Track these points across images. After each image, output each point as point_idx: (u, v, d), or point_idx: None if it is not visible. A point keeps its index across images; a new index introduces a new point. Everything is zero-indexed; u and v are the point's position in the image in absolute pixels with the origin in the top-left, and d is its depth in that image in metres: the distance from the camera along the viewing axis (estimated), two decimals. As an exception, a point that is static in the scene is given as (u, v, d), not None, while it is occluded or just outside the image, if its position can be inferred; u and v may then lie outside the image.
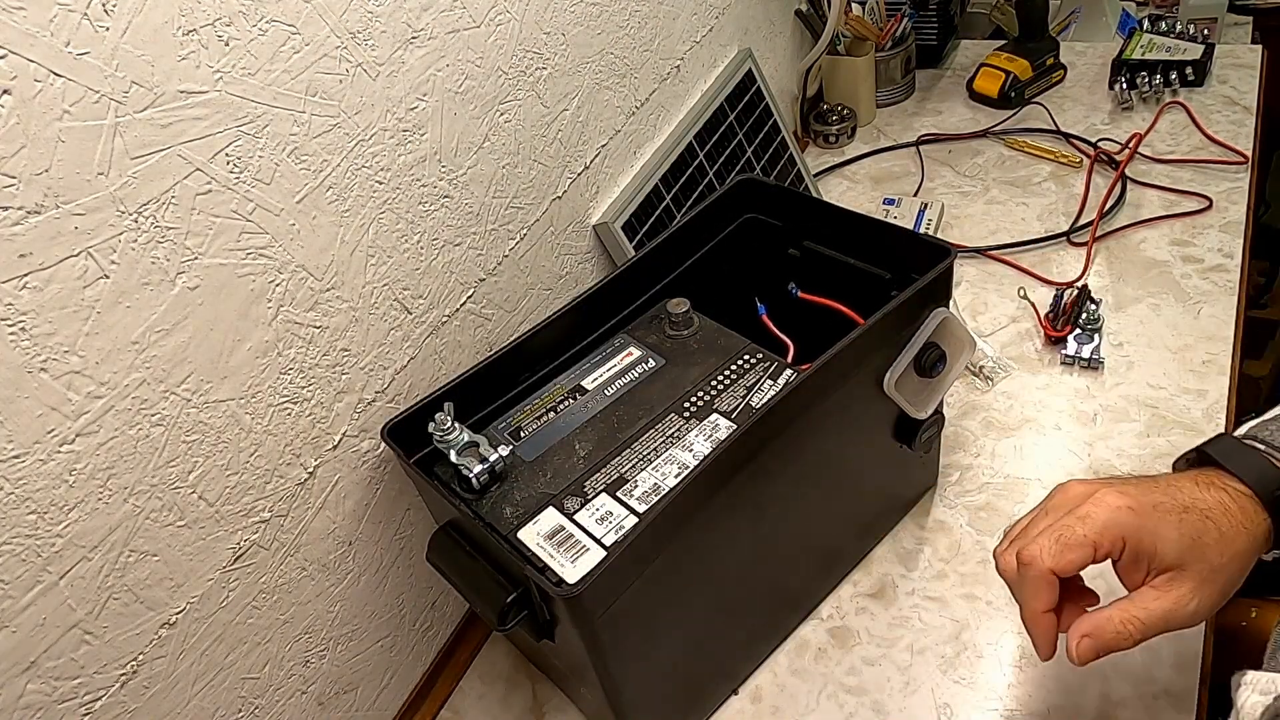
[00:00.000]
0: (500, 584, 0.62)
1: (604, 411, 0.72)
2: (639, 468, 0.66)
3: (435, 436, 0.67)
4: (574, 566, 0.60)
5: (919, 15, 1.47)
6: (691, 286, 0.84)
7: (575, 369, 0.77)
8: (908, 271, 0.76)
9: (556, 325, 0.77)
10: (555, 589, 0.57)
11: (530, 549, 0.62)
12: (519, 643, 0.85)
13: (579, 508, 0.64)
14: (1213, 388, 0.94)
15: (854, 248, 0.81)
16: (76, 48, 0.47)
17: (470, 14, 0.75)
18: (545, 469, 0.68)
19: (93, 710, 0.56)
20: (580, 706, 0.80)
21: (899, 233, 0.78)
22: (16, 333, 0.47)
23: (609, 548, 0.61)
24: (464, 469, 0.66)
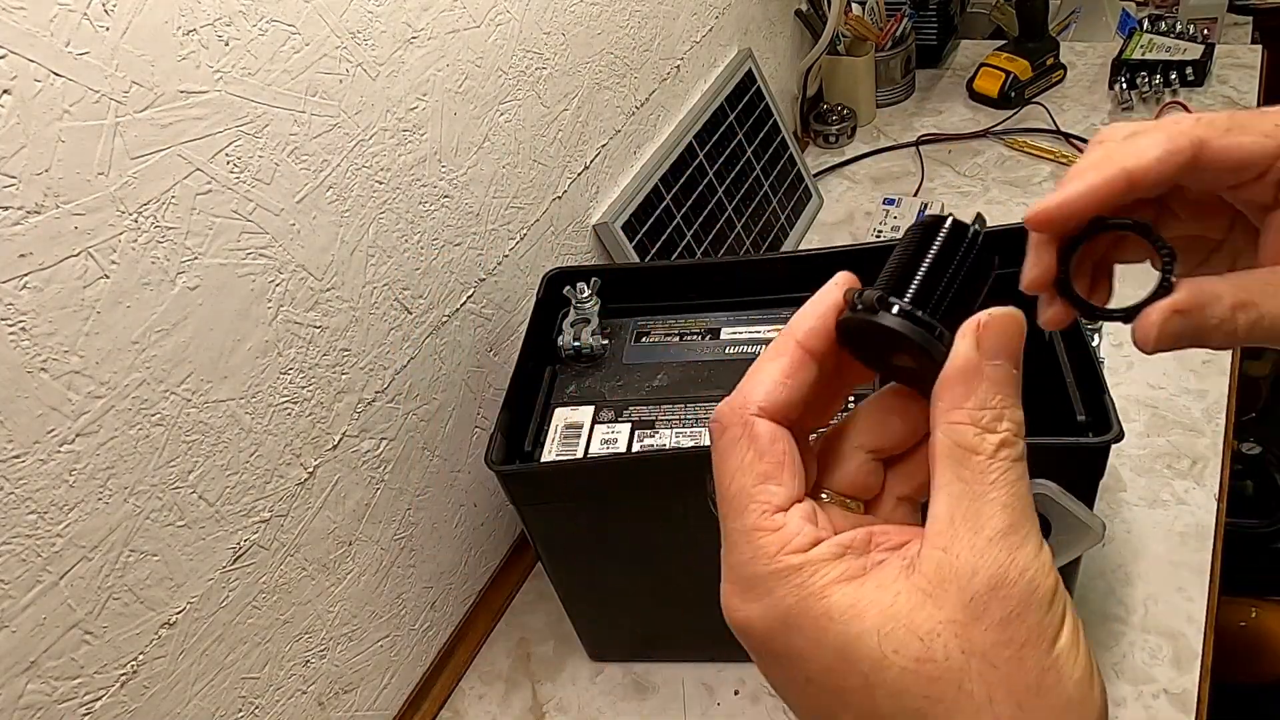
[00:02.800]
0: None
1: (706, 363, 0.75)
2: (671, 424, 0.70)
3: (572, 299, 0.77)
4: (551, 454, 0.70)
5: (919, 15, 1.47)
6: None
7: (731, 314, 0.79)
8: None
9: (755, 266, 0.80)
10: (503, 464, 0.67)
11: (550, 424, 0.72)
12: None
13: (606, 420, 0.71)
14: (1213, 388, 0.94)
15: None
16: (76, 48, 0.47)
17: (470, 14, 0.75)
18: (624, 376, 0.75)
19: (93, 710, 0.55)
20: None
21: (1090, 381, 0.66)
22: (16, 333, 0.47)
23: (570, 460, 0.69)
24: (561, 333, 0.77)
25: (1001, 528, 0.26)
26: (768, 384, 0.29)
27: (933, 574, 0.26)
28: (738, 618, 0.28)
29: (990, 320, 0.28)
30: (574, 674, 0.83)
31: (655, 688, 0.81)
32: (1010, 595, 0.25)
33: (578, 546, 0.73)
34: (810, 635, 0.26)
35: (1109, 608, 0.78)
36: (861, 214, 1.28)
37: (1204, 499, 0.85)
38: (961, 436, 0.27)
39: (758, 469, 0.28)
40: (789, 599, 0.27)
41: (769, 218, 1.20)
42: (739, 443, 0.29)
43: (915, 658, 0.25)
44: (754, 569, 0.27)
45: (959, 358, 0.27)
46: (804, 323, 0.30)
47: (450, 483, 0.82)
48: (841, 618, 0.26)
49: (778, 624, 0.27)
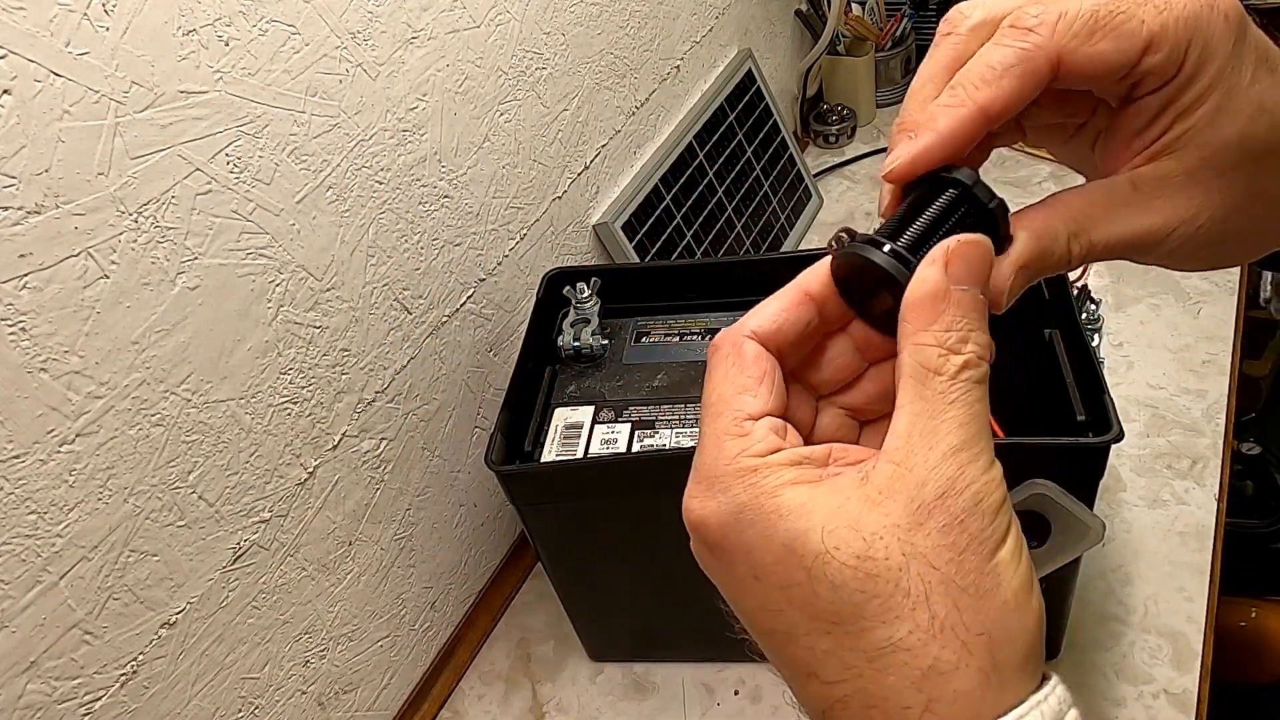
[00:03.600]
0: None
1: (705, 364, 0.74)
2: (671, 424, 0.70)
3: (572, 299, 0.77)
4: (551, 454, 0.70)
5: (919, 15, 1.47)
6: None
7: (732, 314, 0.79)
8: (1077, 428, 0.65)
9: (755, 266, 0.81)
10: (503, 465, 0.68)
11: (550, 424, 0.73)
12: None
13: (606, 420, 0.72)
14: (1213, 388, 0.94)
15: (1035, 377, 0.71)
16: (76, 48, 0.47)
17: (470, 14, 0.75)
18: (623, 376, 0.75)
19: (93, 710, 0.55)
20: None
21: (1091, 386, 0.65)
22: (16, 333, 0.47)
23: (570, 460, 0.69)
24: (561, 333, 0.76)
25: (955, 444, 0.27)
26: (763, 314, 0.32)
27: (884, 484, 0.27)
28: (695, 514, 0.29)
29: (958, 246, 0.28)
30: (574, 674, 0.83)
31: (655, 688, 0.81)
32: (955, 505, 0.26)
33: (578, 546, 0.73)
34: (760, 530, 0.28)
35: (1109, 608, 0.78)
36: (861, 214, 1.28)
37: (1204, 499, 0.85)
38: (925, 357, 0.28)
39: (738, 381, 0.30)
40: (742, 495, 0.28)
41: (769, 218, 1.20)
42: (727, 358, 0.31)
43: (856, 554, 0.26)
44: (715, 469, 0.29)
45: (927, 282, 0.28)
46: (811, 269, 0.32)
47: (450, 483, 0.82)
48: (790, 514, 0.27)
49: (730, 518, 0.28)
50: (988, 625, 0.26)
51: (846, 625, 0.26)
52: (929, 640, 0.26)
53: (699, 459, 0.30)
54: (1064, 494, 0.60)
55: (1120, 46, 0.29)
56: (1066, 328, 0.70)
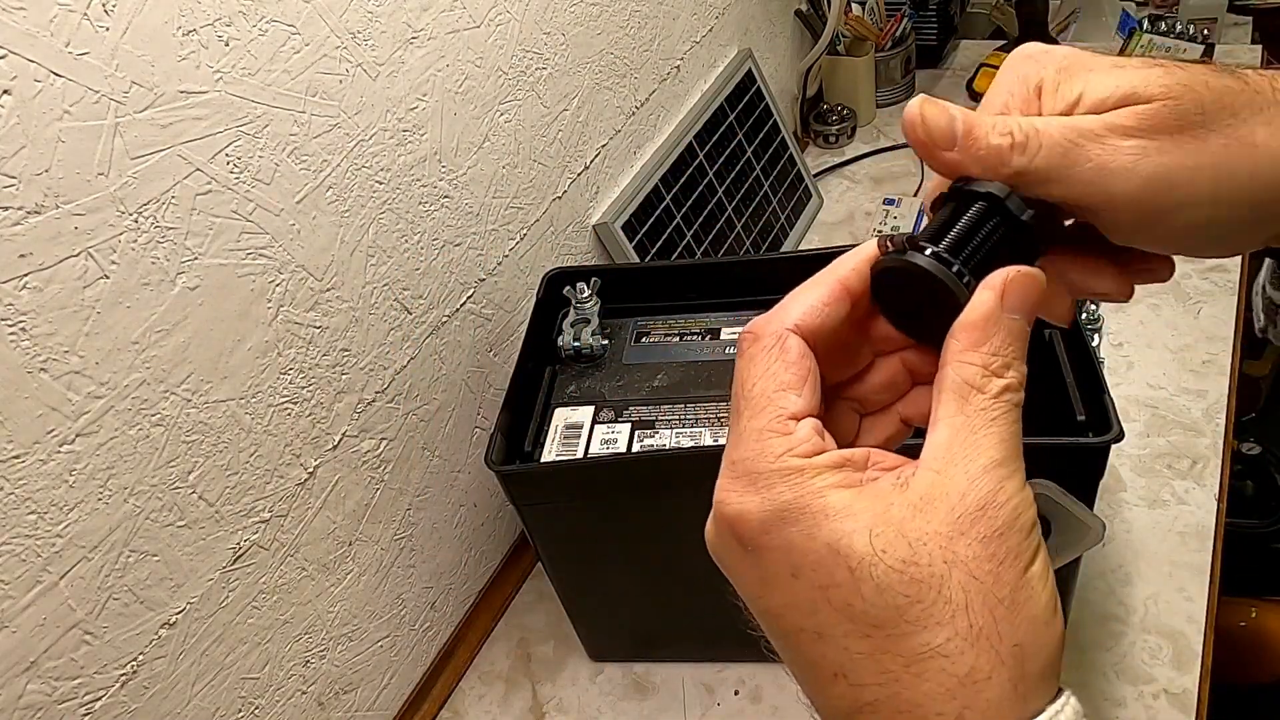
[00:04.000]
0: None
1: (705, 364, 0.75)
2: (670, 424, 0.70)
3: (572, 299, 0.77)
4: (551, 454, 0.70)
5: (919, 15, 1.47)
6: None
7: (732, 314, 0.79)
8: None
9: (755, 266, 0.81)
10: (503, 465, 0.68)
11: (550, 424, 0.73)
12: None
13: (606, 420, 0.72)
14: (1213, 388, 0.94)
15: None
16: (76, 48, 0.47)
17: (470, 14, 0.75)
18: (623, 376, 0.75)
19: (93, 710, 0.55)
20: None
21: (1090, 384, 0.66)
22: (16, 333, 0.47)
23: (570, 461, 0.69)
24: (561, 333, 0.76)
25: (995, 459, 0.28)
26: (806, 306, 0.31)
27: (925, 491, 0.27)
28: (732, 509, 0.29)
29: (1016, 276, 0.29)
30: (574, 674, 0.83)
31: (655, 688, 0.81)
32: (995, 517, 0.27)
33: (578, 546, 0.73)
34: (804, 528, 0.28)
35: (1109, 608, 0.78)
36: (861, 214, 1.28)
37: (1204, 499, 0.85)
38: (970, 375, 0.29)
39: (782, 377, 0.30)
40: (787, 494, 0.28)
41: (769, 218, 1.20)
42: (770, 350, 0.30)
43: (902, 559, 0.27)
44: (758, 465, 0.29)
45: (982, 305, 0.29)
46: (846, 262, 0.32)
47: (450, 483, 0.82)
48: (836, 515, 0.27)
49: (773, 515, 0.28)
50: (1021, 637, 0.26)
51: (887, 629, 0.27)
52: (967, 648, 0.26)
53: (736, 453, 0.30)
54: (1064, 494, 0.60)
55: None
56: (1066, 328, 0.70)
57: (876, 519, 0.27)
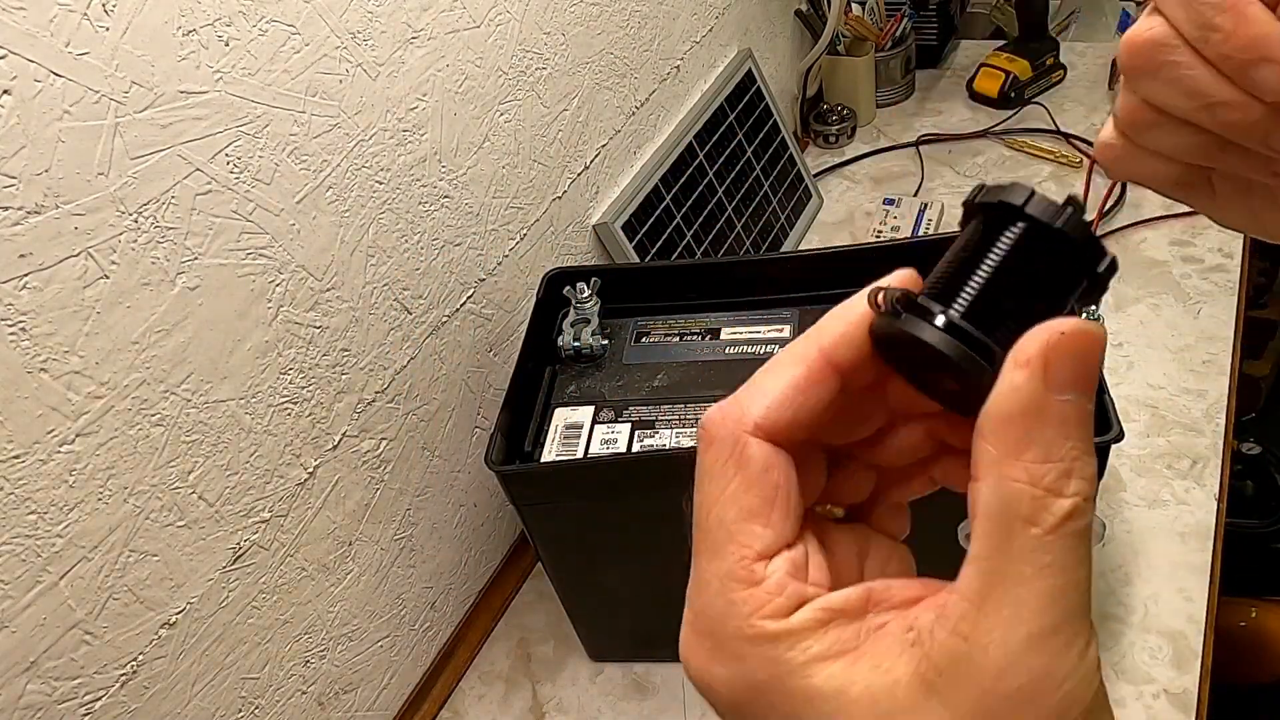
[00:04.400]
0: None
1: (706, 363, 0.75)
2: (671, 424, 0.70)
3: (572, 299, 0.77)
4: (551, 454, 0.70)
5: (919, 15, 1.47)
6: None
7: (732, 314, 0.78)
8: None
9: (755, 266, 0.80)
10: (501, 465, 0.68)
11: (550, 424, 0.72)
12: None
13: (606, 420, 0.71)
14: (1213, 388, 0.94)
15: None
16: (76, 48, 0.47)
17: (470, 14, 0.75)
18: (624, 376, 0.74)
19: (93, 710, 0.55)
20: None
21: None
22: (16, 333, 0.47)
23: (570, 461, 0.69)
24: (561, 333, 0.76)
25: (1045, 627, 0.20)
26: (772, 397, 0.24)
27: (945, 666, 0.21)
28: (700, 675, 0.23)
29: (1061, 341, 0.20)
30: (574, 674, 0.83)
31: (655, 688, 0.81)
32: (1039, 710, 0.20)
33: (578, 546, 0.73)
34: (784, 713, 0.22)
35: (1109, 608, 0.78)
36: (861, 214, 1.28)
37: (1204, 499, 0.85)
38: (1015, 498, 0.20)
39: (743, 502, 0.23)
40: (761, 673, 0.22)
41: (769, 218, 1.20)
42: (725, 465, 0.23)
43: None
44: (725, 626, 0.23)
45: (1016, 391, 0.21)
46: (832, 327, 0.25)
47: (450, 483, 0.82)
48: (825, 706, 0.21)
49: (745, 694, 0.23)
50: None
51: None
52: None
53: (700, 601, 0.23)
54: None
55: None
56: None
57: (876, 711, 0.21)
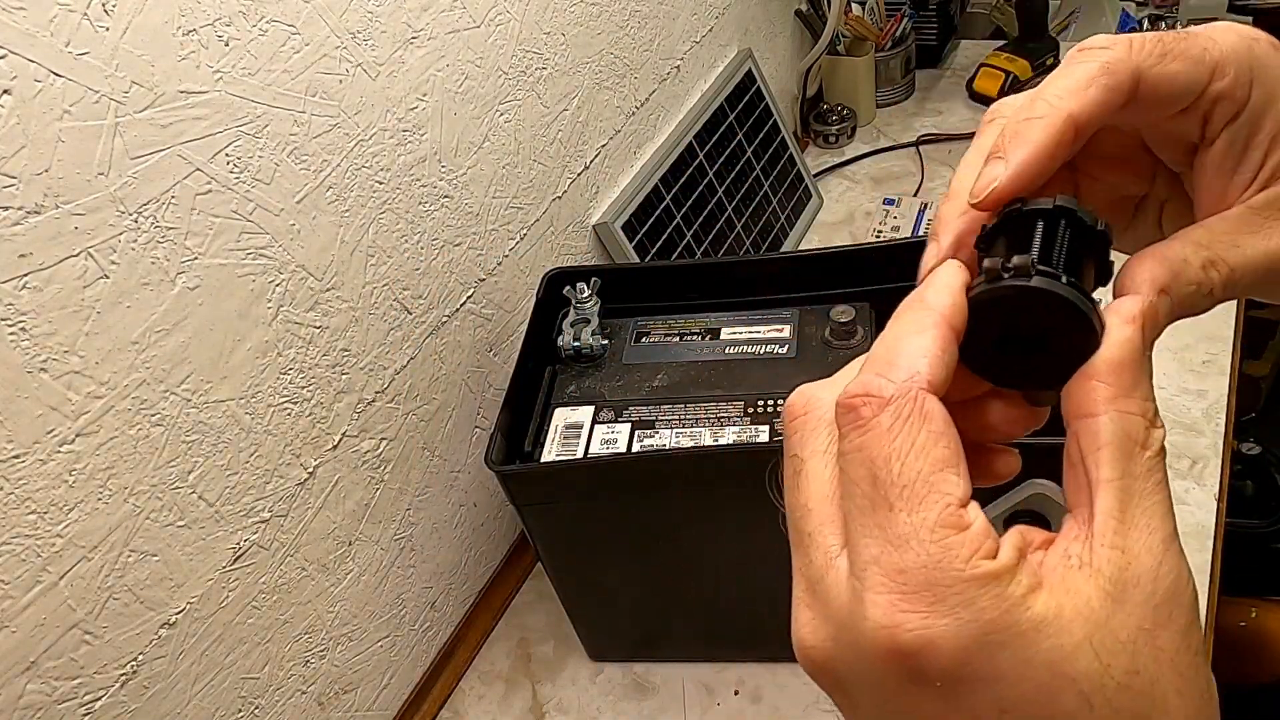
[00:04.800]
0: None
1: (706, 363, 0.75)
2: (670, 425, 0.70)
3: (572, 299, 0.77)
4: (551, 454, 0.69)
5: (919, 15, 1.47)
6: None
7: (732, 314, 0.78)
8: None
9: (755, 266, 0.80)
10: (500, 465, 0.68)
11: (550, 424, 0.72)
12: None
13: (606, 420, 0.71)
14: (1213, 388, 0.94)
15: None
16: (76, 48, 0.47)
17: (470, 14, 0.75)
18: (623, 376, 0.74)
19: (93, 710, 0.55)
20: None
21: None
22: (16, 333, 0.47)
23: (570, 461, 0.69)
24: (561, 333, 0.76)
25: (1170, 532, 0.24)
26: (932, 355, 0.24)
27: (1114, 575, 0.23)
28: (916, 636, 0.22)
29: (1149, 305, 0.25)
30: (574, 674, 0.83)
31: (655, 688, 0.81)
32: (1184, 602, 0.23)
33: (578, 546, 0.73)
34: (1018, 652, 0.22)
35: (1109, 608, 0.78)
36: (861, 214, 1.28)
37: (1204, 499, 0.85)
38: (1134, 428, 0.24)
39: (934, 454, 0.23)
40: (991, 611, 0.22)
41: (769, 218, 1.20)
42: (909, 421, 0.24)
43: (1125, 670, 0.22)
44: (942, 574, 0.22)
45: (1130, 342, 0.24)
46: (943, 296, 0.26)
47: (450, 483, 0.82)
48: (1049, 629, 0.22)
49: (974, 640, 0.22)
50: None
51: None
52: None
53: (902, 558, 0.23)
54: (1064, 494, 0.59)
55: (1190, 69, 0.27)
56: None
57: (1090, 624, 0.22)
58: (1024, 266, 0.24)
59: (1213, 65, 0.28)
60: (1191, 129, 0.29)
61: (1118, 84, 0.27)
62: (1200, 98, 0.28)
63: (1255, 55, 0.28)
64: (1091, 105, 0.26)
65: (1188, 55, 0.27)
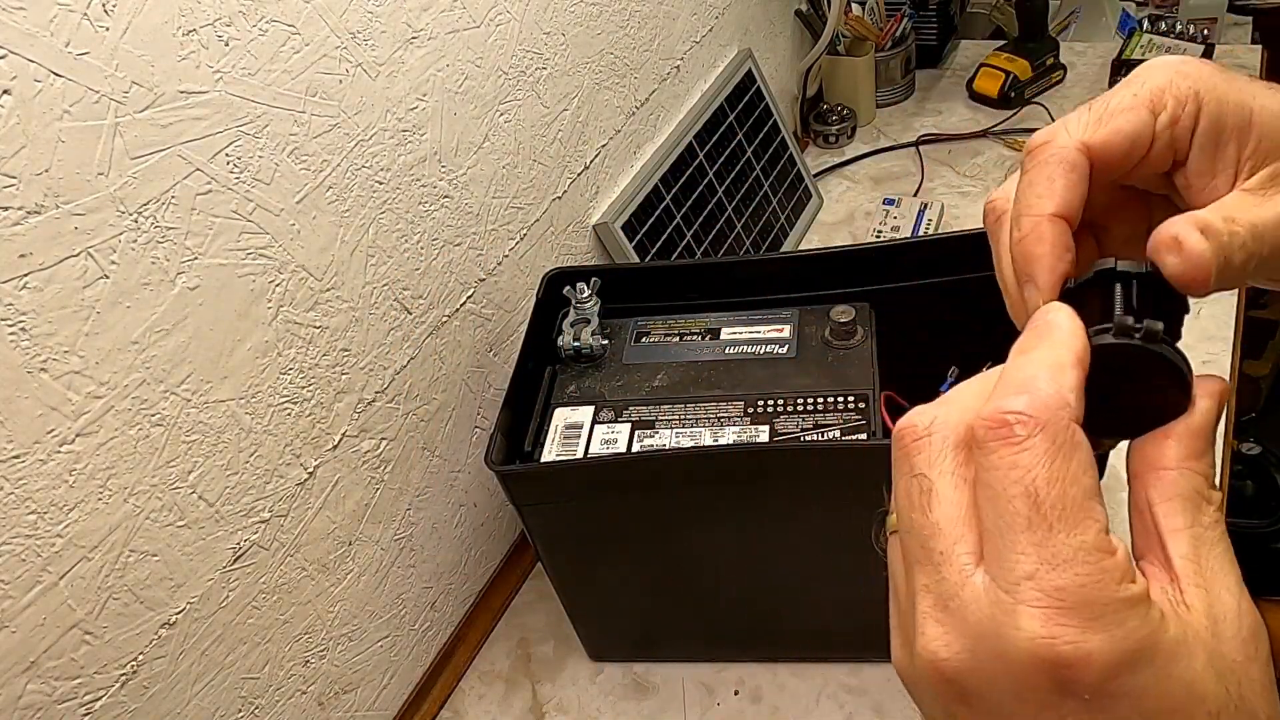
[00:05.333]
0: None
1: (706, 363, 0.74)
2: (670, 425, 0.70)
3: (572, 299, 0.77)
4: (551, 454, 0.69)
5: (919, 15, 1.47)
6: (939, 304, 0.77)
7: (732, 314, 0.78)
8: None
9: (755, 266, 0.80)
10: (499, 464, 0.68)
11: (550, 424, 0.72)
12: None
13: (606, 420, 0.71)
14: (1213, 388, 0.93)
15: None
16: (76, 48, 0.47)
17: (470, 14, 0.75)
18: (623, 376, 0.74)
19: (93, 710, 0.55)
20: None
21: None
22: (16, 333, 0.47)
23: (570, 461, 0.68)
24: (561, 333, 0.76)
25: (1240, 576, 0.27)
26: (1077, 393, 0.26)
27: (1206, 612, 0.26)
28: (1069, 650, 0.24)
29: (1224, 388, 0.28)
30: (574, 674, 0.83)
31: (655, 688, 0.81)
32: (1264, 639, 0.26)
33: (578, 546, 0.73)
34: (1160, 670, 0.24)
35: (1109, 608, 0.78)
36: (861, 214, 1.28)
37: (1204, 499, 0.84)
38: (1200, 485, 0.27)
39: (1084, 482, 0.25)
40: (1140, 631, 0.24)
41: (769, 218, 1.20)
42: (1063, 448, 0.25)
43: (1239, 695, 0.25)
44: (1100, 594, 0.24)
45: (1208, 413, 0.28)
46: (1075, 341, 0.28)
47: (450, 483, 0.82)
48: (1184, 652, 0.25)
49: (1126, 657, 0.24)
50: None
51: None
52: None
53: (1060, 577, 0.24)
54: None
55: (1131, 116, 0.30)
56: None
57: (1206, 651, 0.25)
58: (1154, 331, 0.28)
59: (1148, 104, 0.30)
60: (1162, 159, 0.31)
61: (1073, 167, 0.30)
62: (1155, 135, 0.31)
63: (1186, 73, 0.31)
64: (1063, 196, 0.30)
65: (1120, 109, 0.31)
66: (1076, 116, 0.31)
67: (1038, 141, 0.31)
